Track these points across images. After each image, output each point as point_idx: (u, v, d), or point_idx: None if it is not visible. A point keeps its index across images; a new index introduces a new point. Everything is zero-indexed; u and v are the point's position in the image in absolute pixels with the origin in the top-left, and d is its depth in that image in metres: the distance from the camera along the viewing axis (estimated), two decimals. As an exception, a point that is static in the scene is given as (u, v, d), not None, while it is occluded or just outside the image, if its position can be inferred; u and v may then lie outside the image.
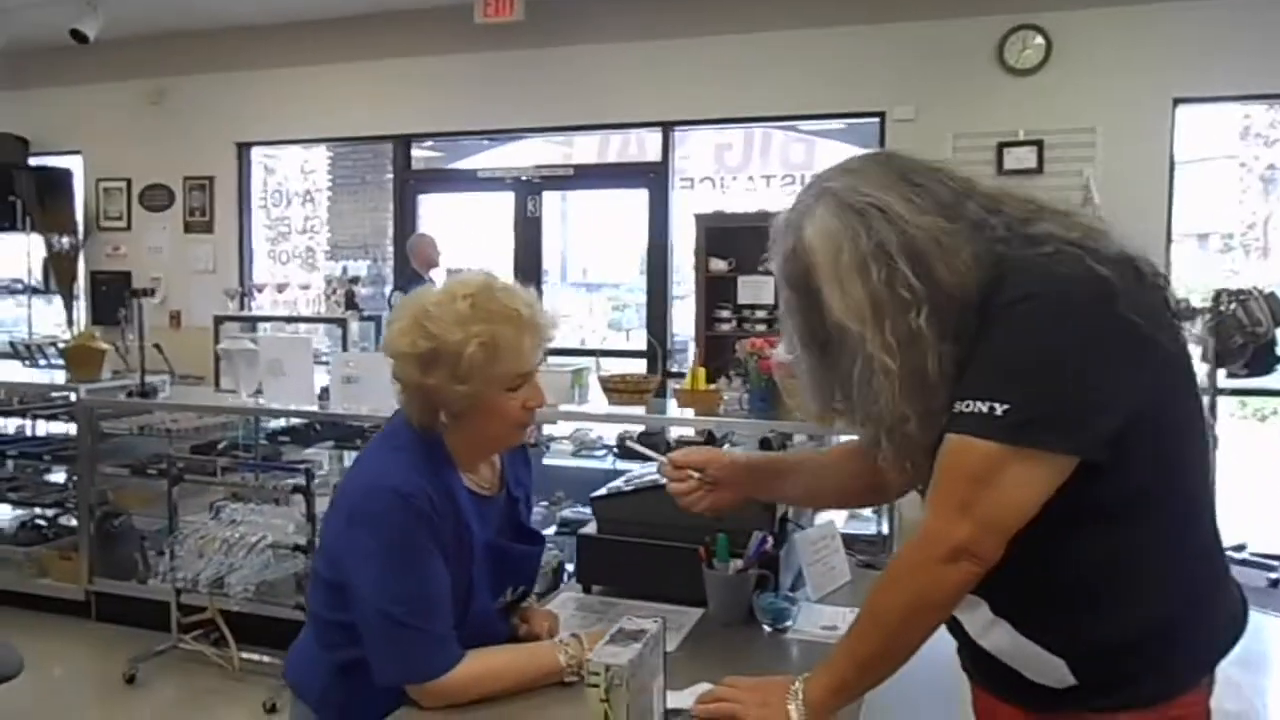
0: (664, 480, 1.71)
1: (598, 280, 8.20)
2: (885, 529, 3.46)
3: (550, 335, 1.57)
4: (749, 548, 1.82)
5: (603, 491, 2.02)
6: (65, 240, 7.39)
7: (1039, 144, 5.23)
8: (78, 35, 6.26)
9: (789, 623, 1.76)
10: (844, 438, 3.61)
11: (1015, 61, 5.31)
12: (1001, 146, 5.28)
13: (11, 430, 4.96)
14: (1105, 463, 1.14)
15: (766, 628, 1.76)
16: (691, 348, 5.79)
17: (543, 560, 1.84)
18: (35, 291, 7.42)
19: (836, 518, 3.64)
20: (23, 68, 7.25)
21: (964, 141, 5.33)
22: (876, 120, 5.70)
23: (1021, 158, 5.21)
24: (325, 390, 3.99)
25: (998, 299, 1.17)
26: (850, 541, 3.57)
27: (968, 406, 1.15)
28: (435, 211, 7.25)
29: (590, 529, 2.00)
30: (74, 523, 4.55)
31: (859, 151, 1.36)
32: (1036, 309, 1.15)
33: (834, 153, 6.57)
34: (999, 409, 1.13)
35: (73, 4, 6.19)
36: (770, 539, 1.81)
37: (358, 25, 6.60)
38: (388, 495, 1.45)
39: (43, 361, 5.08)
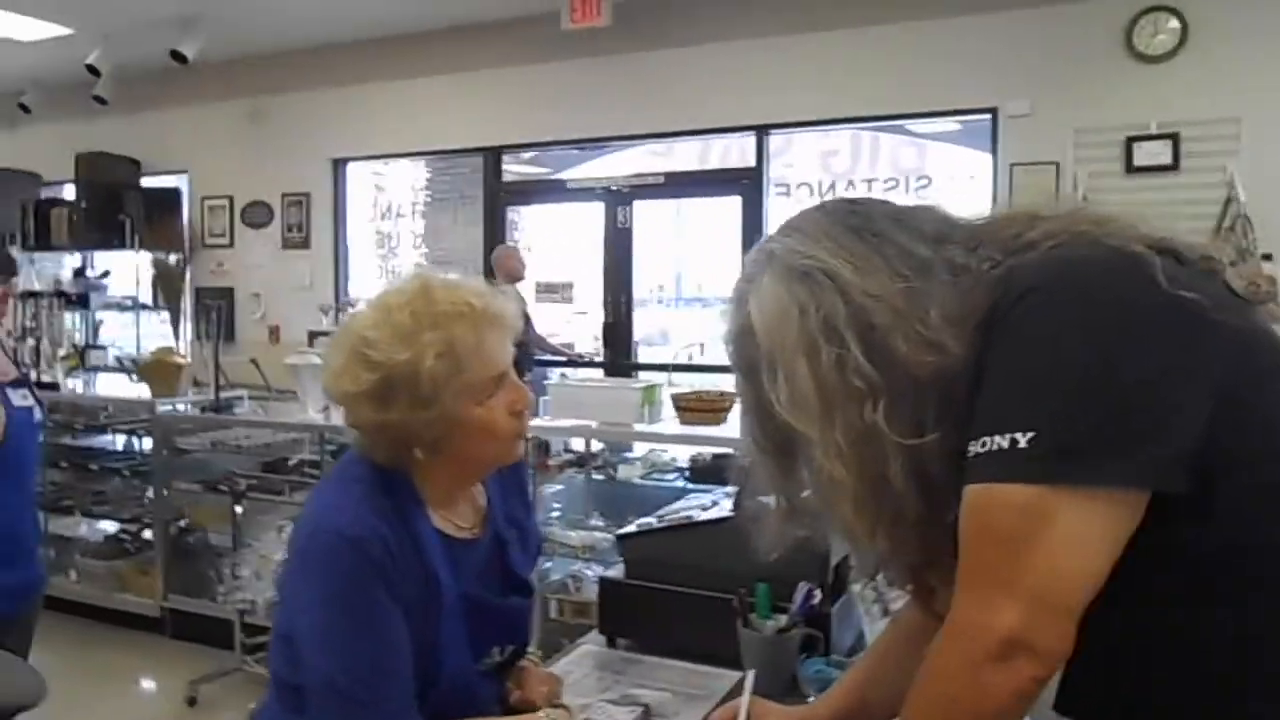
0: (699, 517, 1.42)
1: (695, 293, 7.95)
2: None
3: (514, 325, 1.31)
4: (794, 601, 1.51)
5: (631, 528, 1.74)
6: (172, 257, 7.55)
7: (1174, 137, 4.71)
8: (178, 56, 6.36)
9: (841, 697, 1.44)
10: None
11: (1146, 48, 4.81)
12: (1130, 141, 4.78)
13: (99, 444, 5.00)
14: (1189, 492, 0.83)
15: (812, 698, 1.45)
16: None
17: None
18: (144, 307, 7.59)
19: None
20: (133, 91, 7.43)
21: (1087, 138, 4.86)
22: (989, 117, 5.26)
23: (1154, 153, 4.70)
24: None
25: (994, 325, 0.90)
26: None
27: (982, 445, 0.87)
28: (530, 225, 7.12)
29: (615, 572, 1.72)
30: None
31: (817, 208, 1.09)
32: (1046, 300, 0.89)
33: (946, 156, 6.17)
34: (1021, 439, 0.84)
35: (173, 27, 6.30)
36: (819, 592, 1.49)
37: (447, 38, 6.52)
38: (331, 539, 1.21)
39: (134, 377, 5.11)
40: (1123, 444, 0.83)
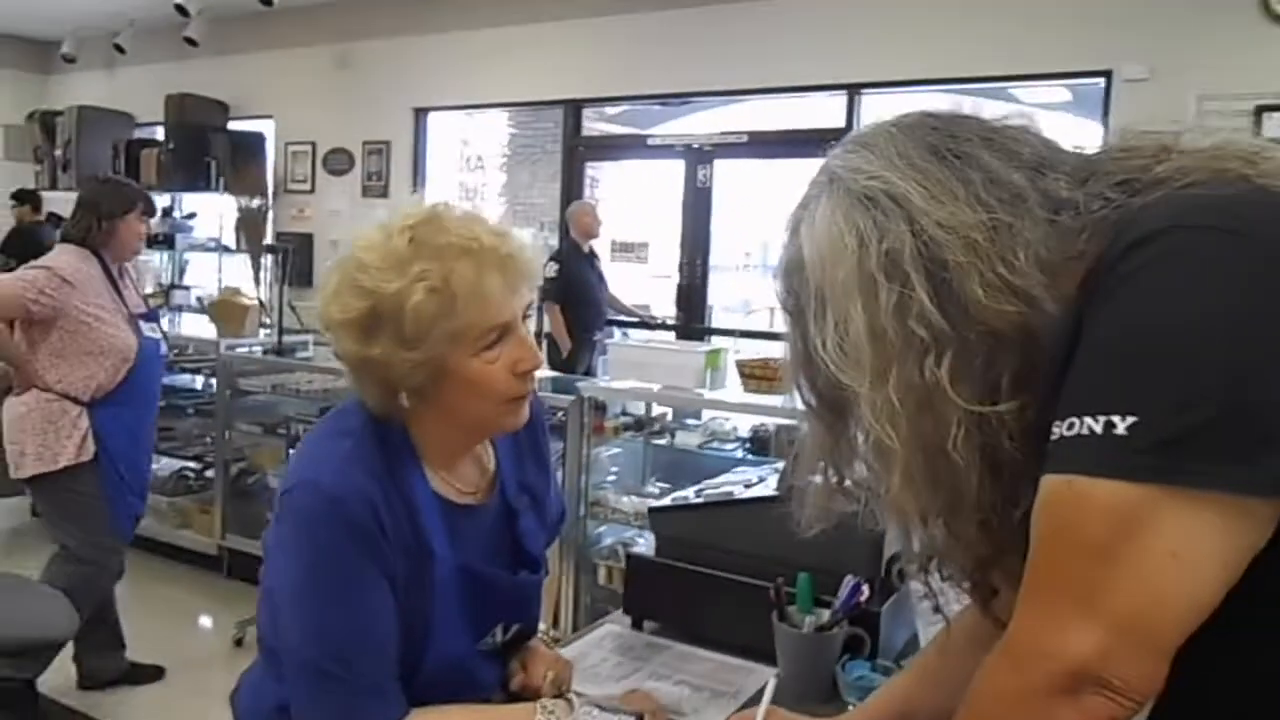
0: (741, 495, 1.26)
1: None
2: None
3: (533, 271, 1.14)
4: (839, 594, 1.33)
5: (665, 501, 1.58)
6: (256, 202, 7.60)
7: (1308, 107, 4.31)
8: (264, -2, 6.35)
9: (885, 707, 1.26)
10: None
11: (1282, 8, 4.40)
12: (1260, 111, 4.38)
13: (173, 383, 5.03)
14: None
15: (852, 707, 1.27)
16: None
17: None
18: (226, 250, 7.67)
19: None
20: (222, 34, 7.48)
21: (1212, 105, 4.46)
22: (1101, 82, 4.89)
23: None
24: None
25: (1100, 277, 0.73)
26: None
27: (1069, 427, 0.70)
28: (609, 183, 6.97)
29: (644, 547, 1.56)
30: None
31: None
32: (1174, 249, 0.69)
33: (1054, 127, 5.79)
34: (1120, 424, 0.67)
35: (261, -34, 6.29)
36: (867, 588, 1.32)
37: (534, -15, 6.37)
38: (310, 496, 1.08)
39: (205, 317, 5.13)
40: (1256, 440, 0.64)
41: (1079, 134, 0.89)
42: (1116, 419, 0.66)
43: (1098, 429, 0.67)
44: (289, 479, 1.13)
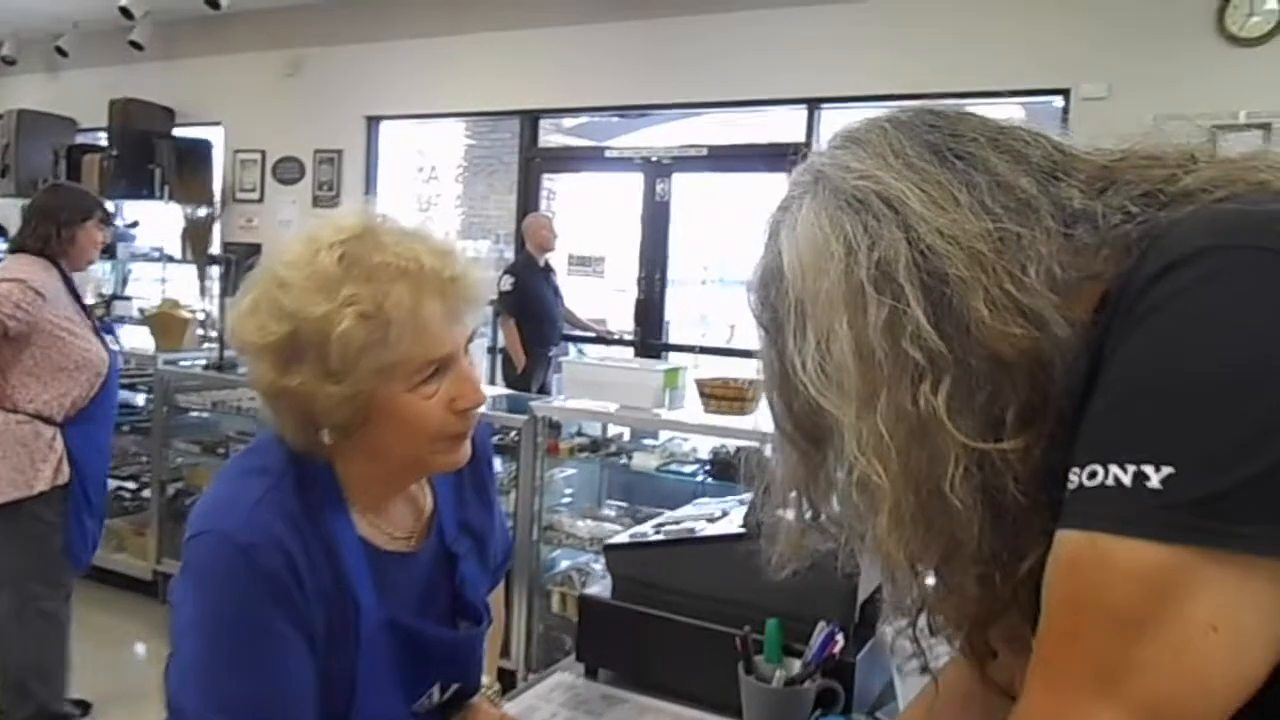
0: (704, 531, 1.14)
1: (737, 276, 7.65)
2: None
3: (478, 296, 1.02)
4: (811, 643, 1.23)
5: (622, 538, 1.47)
6: (202, 211, 7.38)
7: (1265, 128, 4.33)
8: (211, 1, 6.17)
9: (862, 769, 1.16)
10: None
11: (1239, 30, 4.42)
12: (1217, 131, 4.39)
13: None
14: None
15: (826, 771, 1.17)
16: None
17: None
18: (171, 260, 7.43)
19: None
20: (169, 39, 7.27)
21: (1169, 125, 4.41)
22: (1060, 100, 4.88)
23: (1243, 145, 4.30)
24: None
25: (1122, 303, 0.63)
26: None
27: (1090, 475, 0.60)
28: (566, 195, 6.86)
29: (599, 589, 1.45)
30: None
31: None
32: (1215, 273, 0.60)
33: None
34: (1154, 476, 0.57)
35: (207, -31, 6.11)
36: (841, 635, 1.21)
37: (490, -6, 6.26)
38: (217, 544, 0.96)
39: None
40: None
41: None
42: (1149, 469, 0.57)
43: (1126, 480, 0.58)
44: (194, 524, 1.00)
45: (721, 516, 1.47)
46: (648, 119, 6.35)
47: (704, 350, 5.61)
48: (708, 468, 3.19)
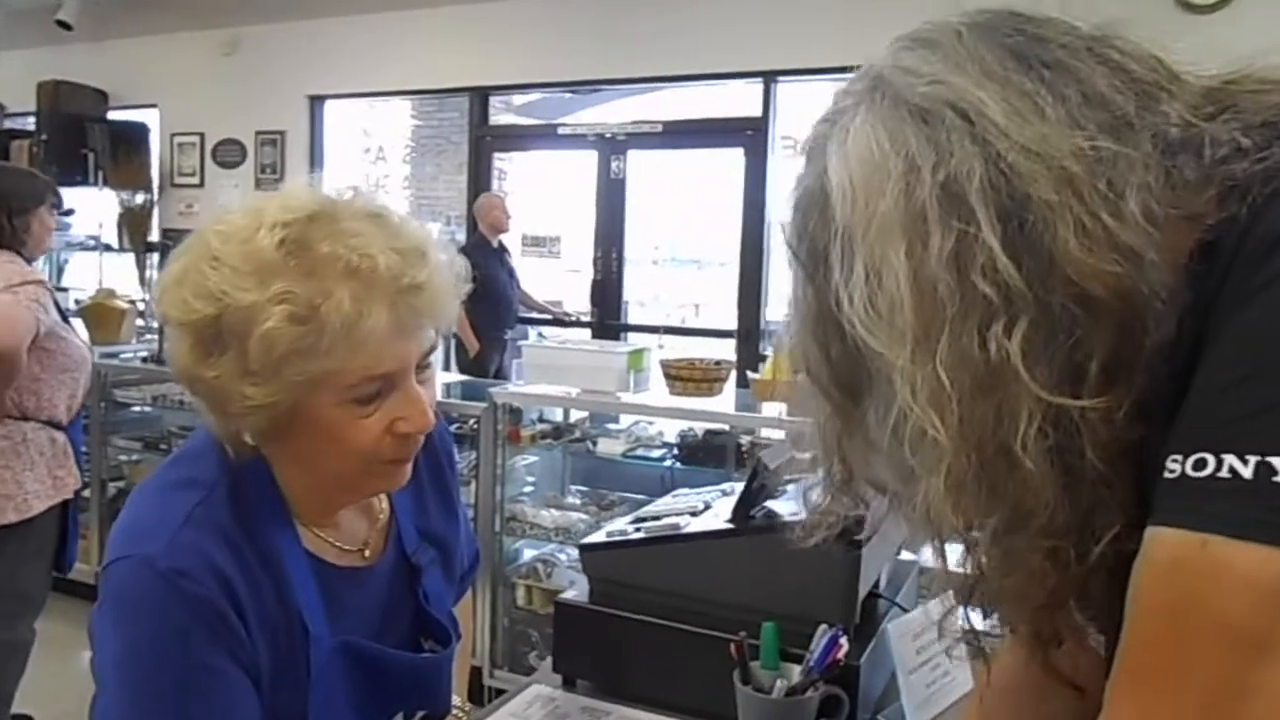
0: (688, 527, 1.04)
1: (692, 255, 7.57)
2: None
3: (442, 308, 0.88)
4: (812, 647, 1.13)
5: (599, 537, 1.36)
6: (139, 197, 7.11)
7: (1222, 96, 4.31)
8: (142, -24, 5.91)
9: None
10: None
11: (1195, -4, 4.40)
12: (1174, 99, 4.38)
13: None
14: None
15: (833, 786, 1.08)
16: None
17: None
18: (108, 248, 7.15)
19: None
20: (102, 18, 6.97)
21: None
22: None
23: (1200, 112, 4.30)
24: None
25: (1238, 261, 0.54)
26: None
27: (1200, 466, 0.51)
28: (518, 174, 6.70)
29: (575, 592, 1.34)
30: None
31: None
32: None
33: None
34: None
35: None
36: (845, 638, 1.12)
37: (435, -34, 6.06)
38: (141, 573, 0.83)
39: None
40: None
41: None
42: (1274, 459, 0.47)
43: (1246, 473, 0.48)
44: (112, 548, 0.87)
45: (705, 509, 1.36)
46: (601, 95, 6.20)
47: (668, 330, 5.51)
48: (675, 452, 3.09)
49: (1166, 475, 0.52)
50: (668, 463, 3.09)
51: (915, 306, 0.57)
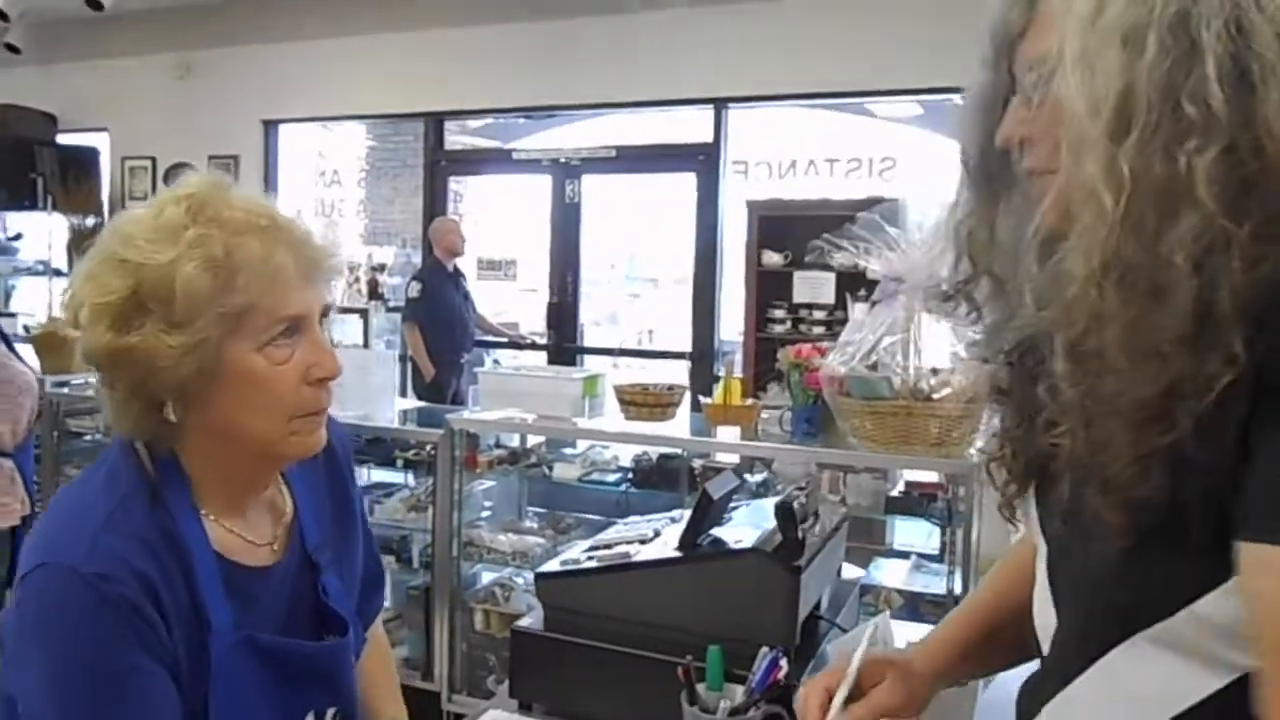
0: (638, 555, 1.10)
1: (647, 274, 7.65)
2: (959, 586, 2.78)
3: (329, 266, 0.98)
4: (754, 669, 1.20)
5: (553, 565, 1.42)
6: (90, 220, 7.04)
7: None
8: (93, 3, 5.89)
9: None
10: (908, 473, 2.99)
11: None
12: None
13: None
14: None
15: None
16: (739, 352, 5.16)
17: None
18: (58, 274, 7.08)
19: (897, 577, 3.00)
20: (51, 40, 6.91)
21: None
22: (958, 98, 4.98)
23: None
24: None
25: None
26: (912, 602, 2.95)
27: None
28: (474, 198, 6.75)
29: (531, 620, 1.40)
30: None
31: None
32: None
33: (907, 139, 5.88)
34: None
35: (89, -32, 5.83)
36: (784, 658, 1.19)
37: (390, -7, 6.11)
38: (61, 580, 0.87)
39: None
40: None
41: (930, 148, 0.82)
42: None
43: None
44: (31, 556, 0.90)
45: (654, 537, 1.43)
46: (555, 119, 6.28)
47: (623, 353, 5.59)
48: (630, 476, 3.15)
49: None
50: (623, 487, 3.15)
51: (1119, 97, 0.63)
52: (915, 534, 3.21)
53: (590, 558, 1.39)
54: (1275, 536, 0.60)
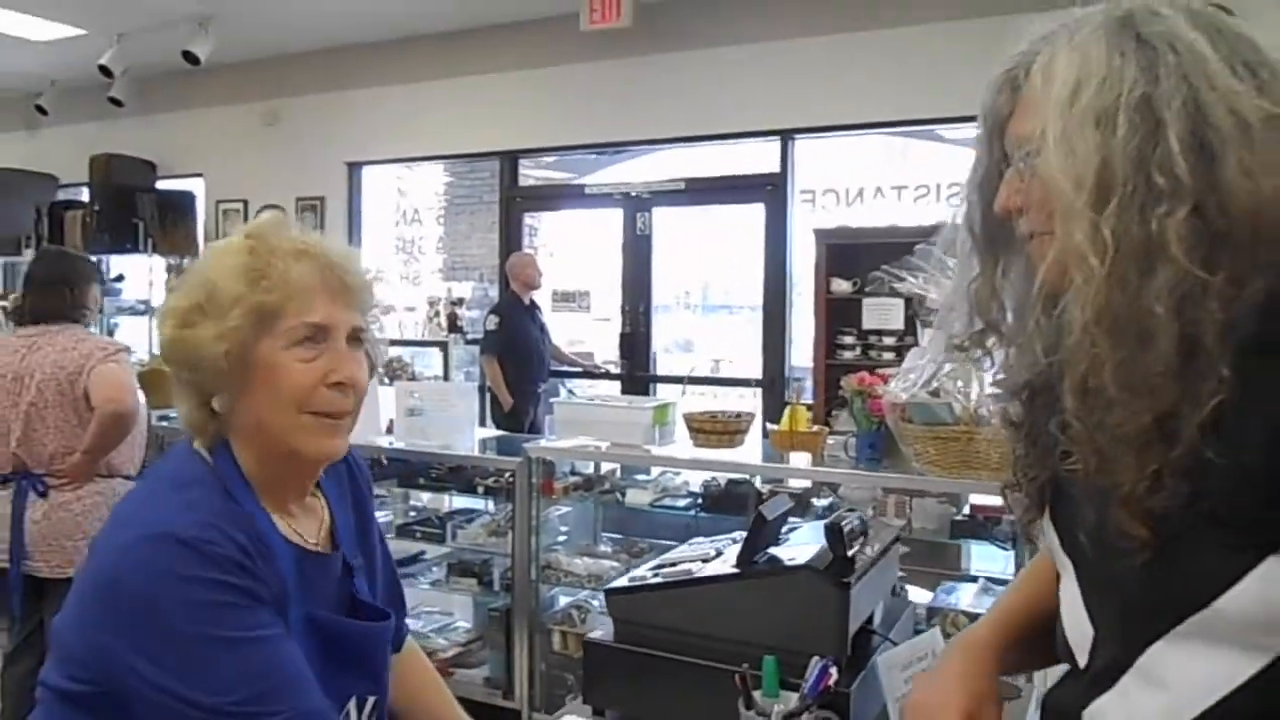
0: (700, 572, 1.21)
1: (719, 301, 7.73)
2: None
3: (358, 290, 1.13)
4: (807, 677, 1.29)
5: (621, 582, 1.53)
6: (187, 261, 7.42)
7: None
8: (189, 57, 6.26)
9: (859, 797, 1.23)
10: (975, 497, 3.02)
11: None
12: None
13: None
14: None
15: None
16: (809, 378, 5.21)
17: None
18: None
19: (965, 600, 3.02)
20: (148, 93, 7.35)
21: None
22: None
23: None
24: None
25: None
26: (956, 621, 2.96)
27: None
28: (548, 232, 6.94)
29: (602, 632, 1.51)
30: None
31: None
32: None
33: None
34: None
35: (185, 27, 6.20)
36: (835, 668, 1.28)
37: (464, 39, 6.37)
38: (170, 546, 0.97)
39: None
40: None
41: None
42: None
43: None
44: (121, 529, 1.02)
45: (716, 556, 1.53)
46: (625, 153, 6.44)
47: (693, 380, 5.68)
48: (700, 501, 3.25)
49: None
50: (692, 511, 3.25)
51: (1097, 171, 0.74)
52: (991, 560, 3.23)
53: (655, 574, 1.50)
54: None
